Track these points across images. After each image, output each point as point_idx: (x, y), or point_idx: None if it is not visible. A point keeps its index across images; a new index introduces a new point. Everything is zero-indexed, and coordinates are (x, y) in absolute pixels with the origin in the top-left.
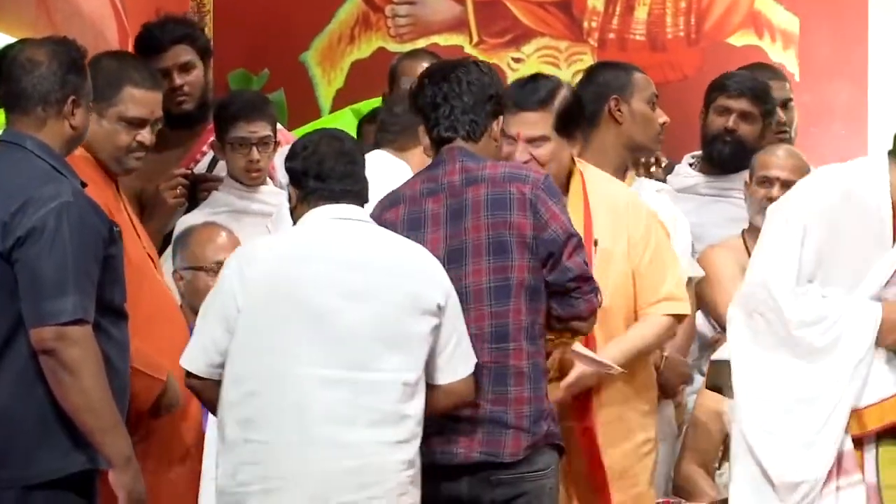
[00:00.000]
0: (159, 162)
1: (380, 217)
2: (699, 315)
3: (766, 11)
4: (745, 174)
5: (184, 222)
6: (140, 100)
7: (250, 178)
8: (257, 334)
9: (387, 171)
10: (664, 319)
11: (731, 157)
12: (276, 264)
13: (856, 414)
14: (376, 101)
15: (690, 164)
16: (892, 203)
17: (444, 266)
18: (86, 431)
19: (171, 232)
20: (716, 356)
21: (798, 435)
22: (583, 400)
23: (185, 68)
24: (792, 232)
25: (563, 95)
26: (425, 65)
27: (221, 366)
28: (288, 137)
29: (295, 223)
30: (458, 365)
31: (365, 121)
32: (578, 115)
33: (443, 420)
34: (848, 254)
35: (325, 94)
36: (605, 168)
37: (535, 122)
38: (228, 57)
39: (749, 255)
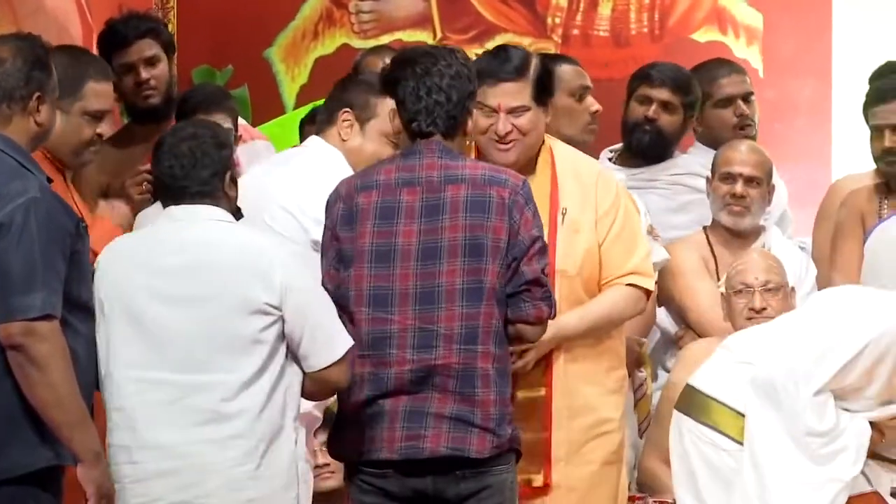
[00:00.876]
0: (125, 157)
1: (352, 200)
2: (662, 311)
3: (729, 7)
4: (669, 164)
5: (143, 215)
6: (101, 93)
7: None
8: (99, 336)
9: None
10: (629, 289)
11: (649, 146)
12: (112, 267)
13: None
14: None
15: (610, 159)
16: None
17: (417, 261)
18: (53, 427)
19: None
20: (694, 383)
21: None
22: (543, 369)
23: (151, 62)
24: (849, 349)
25: (535, 64)
26: (388, 60)
27: None
28: (252, 133)
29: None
30: (316, 355)
31: (305, 121)
32: (550, 85)
33: (408, 416)
34: (884, 386)
35: (289, 91)
36: None
37: (516, 92)
38: (192, 53)
39: (711, 250)
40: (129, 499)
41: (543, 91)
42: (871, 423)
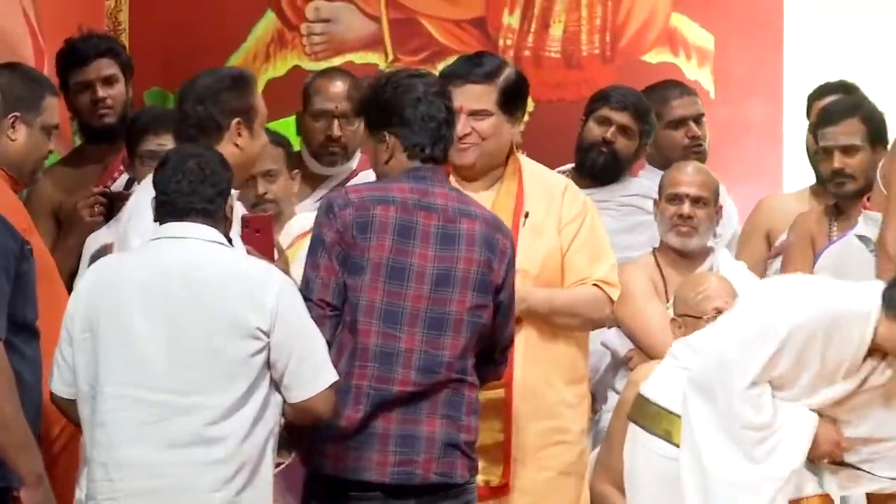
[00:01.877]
0: (78, 176)
1: (368, 210)
2: (612, 332)
3: (681, 29)
4: (621, 186)
5: (94, 238)
6: (56, 107)
7: None
8: (84, 353)
9: None
10: (595, 289)
11: (603, 168)
12: (103, 285)
13: None
14: (290, 121)
15: None
16: (870, 347)
17: (431, 285)
18: None
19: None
20: (645, 392)
21: None
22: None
23: (109, 81)
24: (775, 337)
25: (508, 73)
26: (339, 82)
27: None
28: None
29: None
30: (300, 386)
31: None
32: (521, 94)
33: (401, 440)
34: (816, 373)
35: None
36: None
37: (480, 95)
38: (144, 75)
39: (660, 272)
40: None
41: (511, 100)
42: (829, 420)
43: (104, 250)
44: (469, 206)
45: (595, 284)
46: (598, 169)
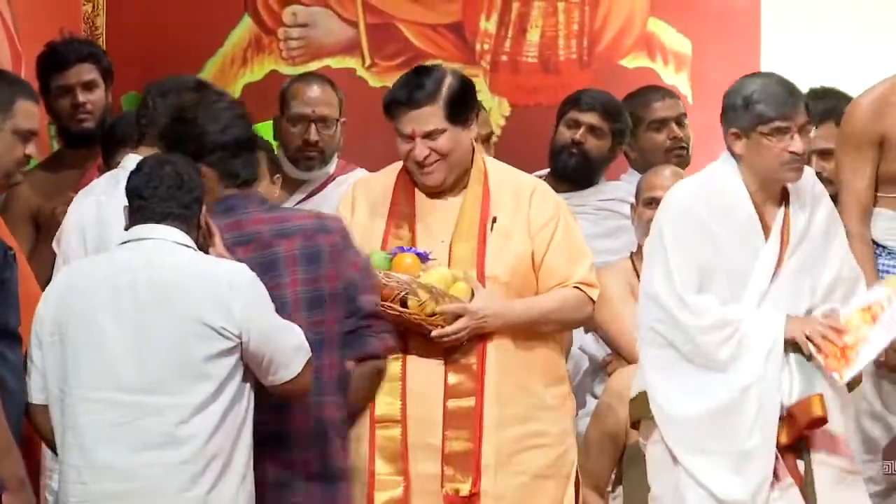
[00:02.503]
0: (57, 181)
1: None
2: (590, 337)
3: (658, 34)
4: (597, 190)
5: None
6: (32, 112)
7: None
8: (53, 355)
9: None
10: (575, 291)
11: (574, 169)
12: (71, 288)
13: (784, 420)
14: (267, 125)
15: None
16: (753, 201)
17: (305, 311)
18: None
19: None
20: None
21: (732, 447)
22: (475, 379)
23: (89, 86)
24: (664, 243)
25: (448, 84)
26: (316, 87)
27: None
28: None
29: None
30: (277, 370)
31: None
32: (468, 99)
33: (275, 472)
34: (722, 258)
35: None
36: None
37: (428, 117)
38: (121, 80)
39: (637, 276)
40: None
41: (458, 109)
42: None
43: None
44: (286, 222)
45: (575, 286)
46: (570, 171)
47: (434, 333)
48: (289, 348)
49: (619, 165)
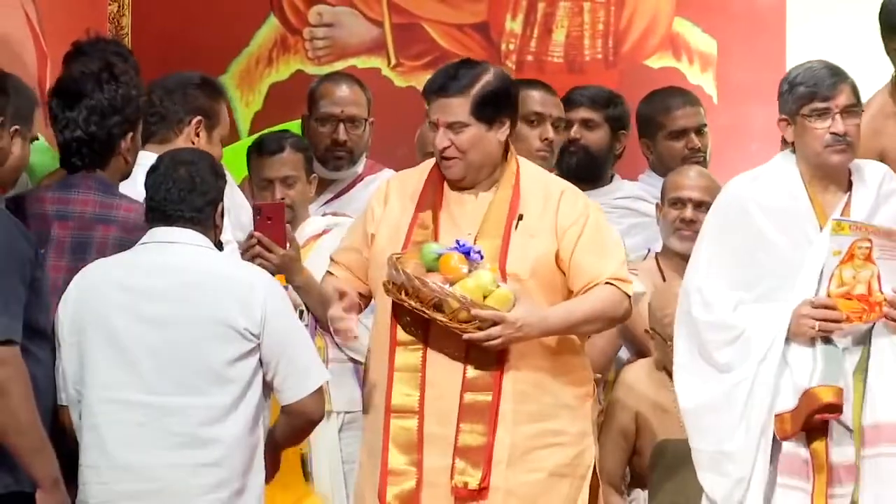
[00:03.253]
0: None
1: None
2: None
3: (684, 34)
4: (612, 188)
5: None
6: (38, 119)
7: None
8: (71, 357)
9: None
10: (610, 287)
11: (578, 165)
12: (89, 289)
13: (779, 417)
14: (295, 124)
15: None
16: (809, 190)
17: None
18: (14, 452)
19: None
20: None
21: (711, 446)
22: (494, 375)
23: None
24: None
25: (485, 81)
26: (344, 87)
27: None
28: None
29: None
30: (291, 387)
31: (252, 149)
32: (502, 101)
33: None
34: (771, 252)
35: (244, 117)
36: None
37: (454, 108)
38: (146, 79)
39: (662, 276)
40: None
41: (488, 108)
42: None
43: None
44: (112, 210)
45: (608, 282)
46: (574, 168)
47: (465, 337)
48: (307, 359)
49: (638, 165)
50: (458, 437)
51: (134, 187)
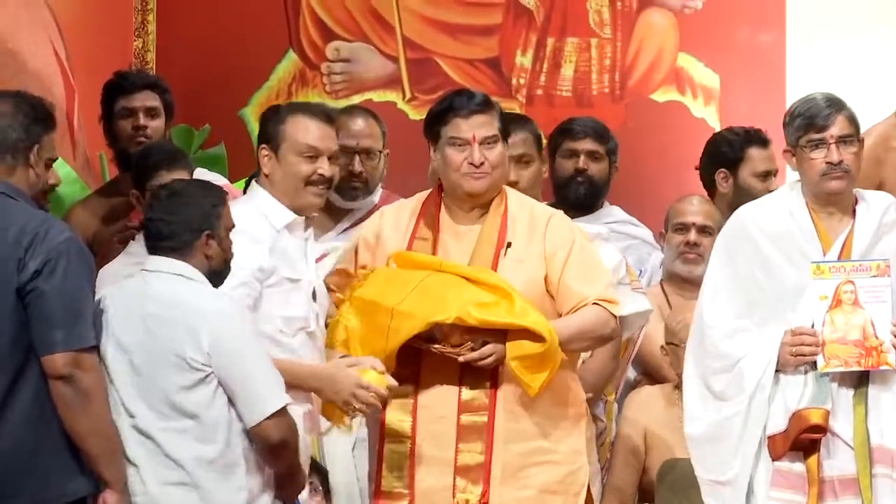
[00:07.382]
0: (113, 207)
1: None
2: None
3: (688, 68)
4: (603, 214)
5: (105, 271)
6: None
7: None
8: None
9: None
10: (596, 307)
11: (585, 196)
12: (101, 313)
13: (771, 439)
14: None
15: None
16: (814, 217)
17: None
18: (91, 455)
19: None
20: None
21: (709, 475)
22: (487, 395)
23: (151, 113)
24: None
25: (496, 103)
26: (360, 121)
27: None
28: (233, 192)
29: None
30: (249, 411)
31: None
32: (505, 120)
33: None
34: (773, 276)
35: None
36: None
37: (488, 123)
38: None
39: (668, 302)
40: None
41: (505, 125)
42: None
43: None
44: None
45: (595, 303)
46: (581, 199)
47: (461, 359)
48: (263, 383)
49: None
50: (458, 458)
51: None
